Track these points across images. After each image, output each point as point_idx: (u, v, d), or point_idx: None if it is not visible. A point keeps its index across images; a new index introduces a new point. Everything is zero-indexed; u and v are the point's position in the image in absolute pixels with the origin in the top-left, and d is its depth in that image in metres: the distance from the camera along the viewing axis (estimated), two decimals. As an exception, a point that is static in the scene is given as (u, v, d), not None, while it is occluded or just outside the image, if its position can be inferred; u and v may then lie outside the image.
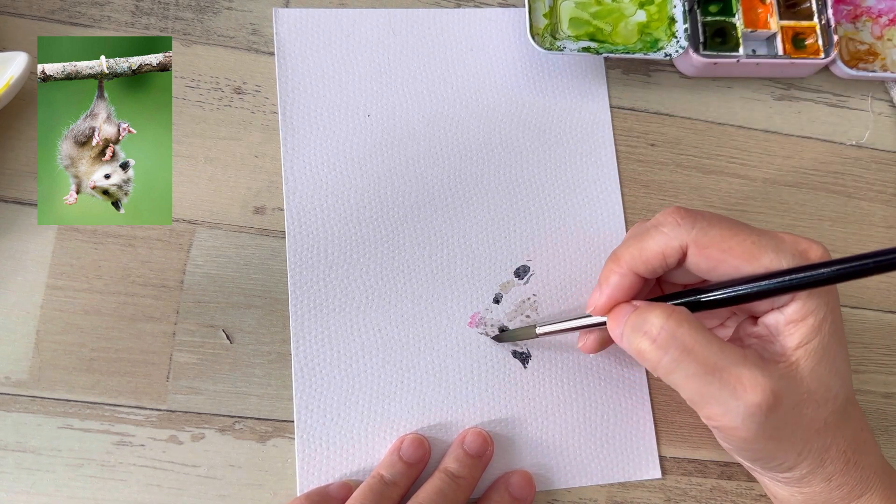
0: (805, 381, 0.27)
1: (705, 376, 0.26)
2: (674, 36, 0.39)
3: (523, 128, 0.38)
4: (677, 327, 0.27)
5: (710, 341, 0.26)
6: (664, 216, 0.29)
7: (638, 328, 0.28)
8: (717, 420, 0.27)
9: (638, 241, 0.29)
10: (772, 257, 0.27)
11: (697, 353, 0.26)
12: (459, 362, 0.35)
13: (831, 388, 0.27)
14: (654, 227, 0.29)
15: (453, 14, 0.40)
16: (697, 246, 0.27)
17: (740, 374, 0.26)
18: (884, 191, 0.41)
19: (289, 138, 0.37)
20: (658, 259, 0.28)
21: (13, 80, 0.33)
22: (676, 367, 0.27)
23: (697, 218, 0.28)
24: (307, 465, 0.33)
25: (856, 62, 0.42)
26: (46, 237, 0.34)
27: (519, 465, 0.34)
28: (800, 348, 0.27)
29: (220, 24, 0.38)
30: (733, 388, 0.26)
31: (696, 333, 0.26)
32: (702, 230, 0.27)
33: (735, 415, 0.26)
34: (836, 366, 0.27)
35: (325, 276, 0.35)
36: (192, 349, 0.33)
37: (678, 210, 0.28)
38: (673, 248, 0.28)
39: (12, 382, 0.32)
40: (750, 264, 0.27)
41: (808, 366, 0.27)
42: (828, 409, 0.27)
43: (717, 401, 0.26)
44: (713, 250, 0.27)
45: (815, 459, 0.28)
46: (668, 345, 0.27)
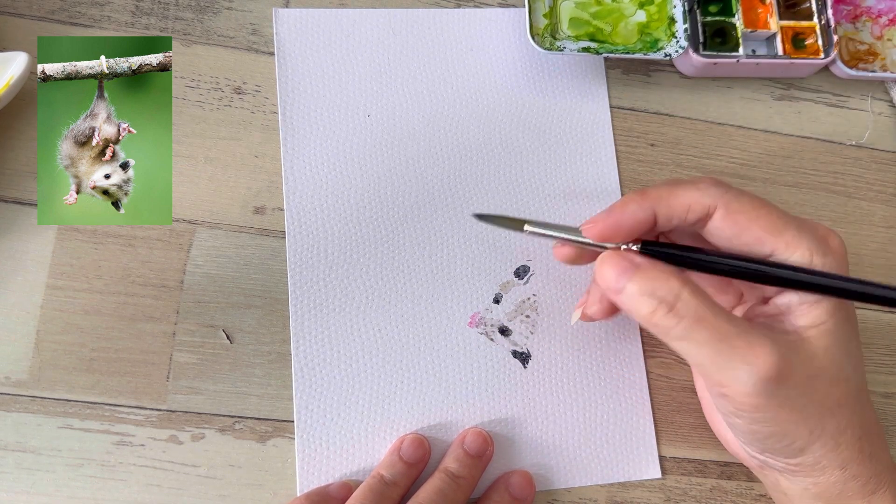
0: (818, 357, 0.27)
1: (717, 343, 0.26)
2: (674, 36, 0.39)
3: (523, 128, 0.38)
4: (692, 297, 0.26)
5: (719, 311, 0.27)
6: (701, 178, 0.29)
7: (650, 292, 0.27)
8: (728, 386, 0.26)
9: (670, 185, 0.29)
10: (794, 234, 0.27)
11: (709, 322, 0.26)
12: (459, 362, 0.35)
13: (844, 368, 0.27)
14: (691, 182, 0.29)
15: (453, 14, 0.40)
16: (728, 209, 0.28)
17: (751, 341, 0.26)
18: (884, 191, 0.41)
19: (289, 138, 0.37)
20: (682, 208, 0.28)
21: (13, 80, 0.33)
22: (687, 335, 0.26)
23: (731, 187, 0.29)
24: (307, 465, 0.33)
25: (856, 62, 0.42)
26: (46, 237, 0.34)
27: (519, 465, 0.34)
28: (812, 328, 0.27)
29: (220, 24, 0.38)
30: (744, 353, 0.26)
31: (708, 302, 0.27)
32: (735, 196, 0.28)
33: (746, 380, 0.26)
34: (850, 350, 0.28)
35: (325, 276, 0.35)
36: (192, 349, 0.33)
37: (715, 178, 0.29)
38: (701, 205, 0.28)
39: (12, 382, 0.32)
40: (773, 236, 0.27)
41: (821, 344, 0.27)
42: (840, 389, 0.27)
43: (728, 367, 0.26)
44: (742, 216, 0.28)
45: (830, 441, 0.27)
46: (683, 313, 0.26)
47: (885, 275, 0.39)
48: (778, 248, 0.27)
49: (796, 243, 0.27)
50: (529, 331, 0.36)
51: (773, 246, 0.28)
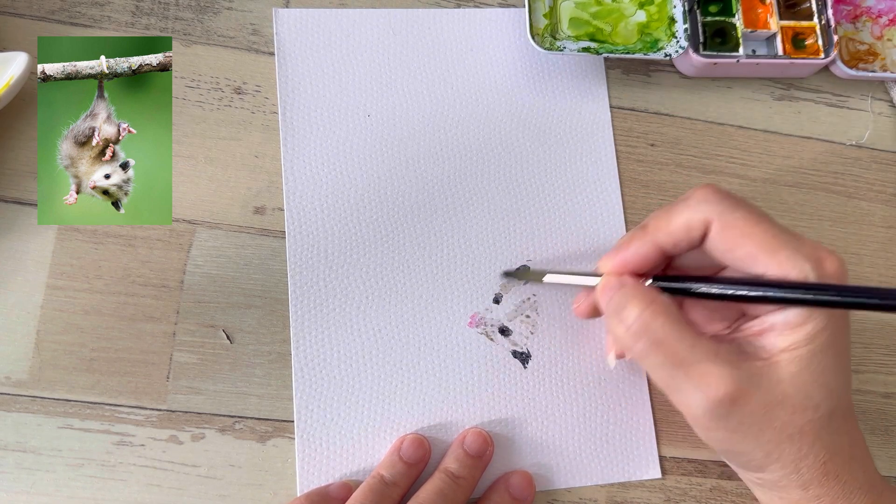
0: (783, 384, 0.27)
1: (672, 368, 0.27)
2: (674, 36, 0.39)
3: (523, 128, 0.38)
4: (652, 319, 0.27)
5: (683, 336, 0.27)
6: (693, 191, 0.29)
7: (616, 312, 0.28)
8: (682, 407, 0.28)
9: (665, 211, 0.29)
10: (789, 254, 0.27)
11: (667, 346, 0.27)
12: (459, 362, 0.35)
13: (812, 397, 0.27)
14: (683, 201, 0.29)
15: (453, 14, 0.40)
16: (721, 223, 0.28)
17: (707, 369, 0.26)
18: (884, 191, 0.41)
19: (289, 138, 0.37)
20: (682, 231, 0.28)
21: (13, 80, 0.33)
22: (646, 356, 0.28)
23: (726, 196, 0.28)
24: (307, 465, 0.33)
25: (856, 62, 0.42)
26: (46, 237, 0.34)
27: (519, 465, 0.34)
28: (786, 352, 0.27)
29: (220, 24, 0.38)
30: (697, 382, 0.27)
31: (669, 327, 0.27)
32: (728, 208, 0.28)
33: (697, 406, 0.27)
34: (823, 377, 0.27)
35: (325, 276, 0.35)
36: (192, 349, 0.33)
37: (709, 187, 0.29)
38: (698, 221, 0.28)
39: (12, 382, 0.32)
40: (766, 255, 0.27)
41: (791, 370, 0.27)
42: (805, 416, 0.27)
43: (681, 391, 0.27)
44: (735, 232, 0.27)
45: (789, 465, 0.27)
46: (640, 335, 0.27)
47: (885, 275, 0.39)
48: (770, 267, 0.27)
49: (789, 264, 0.26)
50: (529, 331, 0.36)
51: (765, 265, 0.27)
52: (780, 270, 0.27)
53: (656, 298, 0.28)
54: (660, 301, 0.28)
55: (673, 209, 0.29)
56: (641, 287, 0.29)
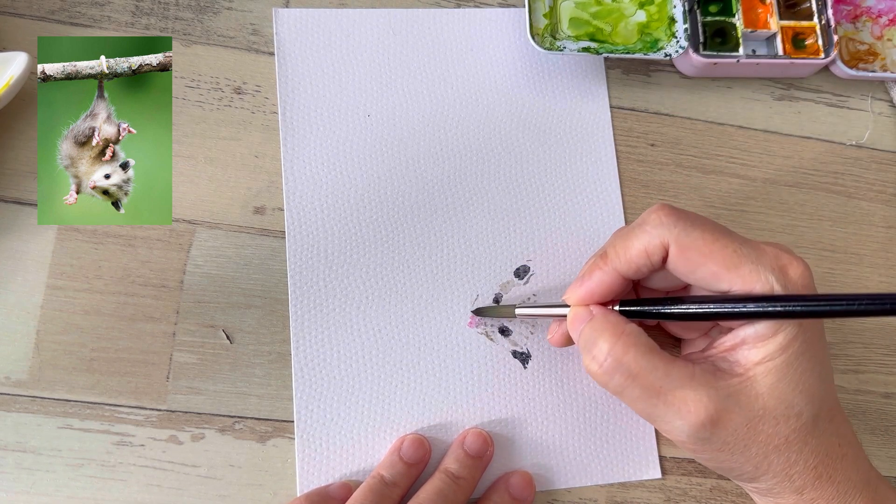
0: (762, 397, 0.27)
1: (650, 399, 0.27)
2: (674, 36, 0.39)
3: (523, 128, 0.38)
4: (623, 354, 0.27)
5: (656, 365, 0.27)
6: (648, 214, 0.29)
7: (587, 347, 0.28)
8: (667, 434, 0.28)
9: (623, 238, 0.29)
10: (751, 268, 0.27)
11: (642, 378, 0.27)
12: (459, 362, 0.35)
13: (794, 405, 0.27)
14: (639, 226, 0.29)
15: (453, 14, 0.40)
16: (678, 246, 0.27)
17: (685, 395, 0.27)
18: (884, 191, 0.41)
19: (289, 138, 0.37)
20: (642, 257, 0.28)
21: (13, 80, 0.33)
22: (623, 391, 0.28)
23: (681, 217, 0.28)
24: (307, 465, 0.33)
25: (856, 62, 0.42)
26: (46, 237, 0.34)
27: (519, 466, 0.34)
28: (761, 364, 0.27)
29: (220, 24, 0.38)
30: (677, 408, 0.27)
31: (641, 358, 0.27)
32: (684, 230, 0.27)
33: (680, 432, 0.27)
34: (802, 384, 0.27)
35: (325, 276, 0.35)
36: (192, 349, 0.33)
37: (663, 207, 0.28)
38: (655, 246, 0.28)
39: (12, 382, 0.32)
40: (728, 272, 0.27)
41: (768, 382, 0.27)
42: (789, 426, 0.27)
43: (663, 420, 0.27)
44: (693, 252, 0.27)
45: (780, 474, 0.28)
46: (613, 371, 0.28)
47: (885, 275, 0.39)
48: (734, 284, 0.27)
49: (753, 278, 0.26)
50: (529, 331, 0.36)
51: (729, 282, 0.27)
52: (744, 285, 0.27)
53: (624, 330, 0.28)
54: (628, 332, 0.28)
55: (630, 235, 0.29)
56: (610, 319, 0.28)
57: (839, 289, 0.39)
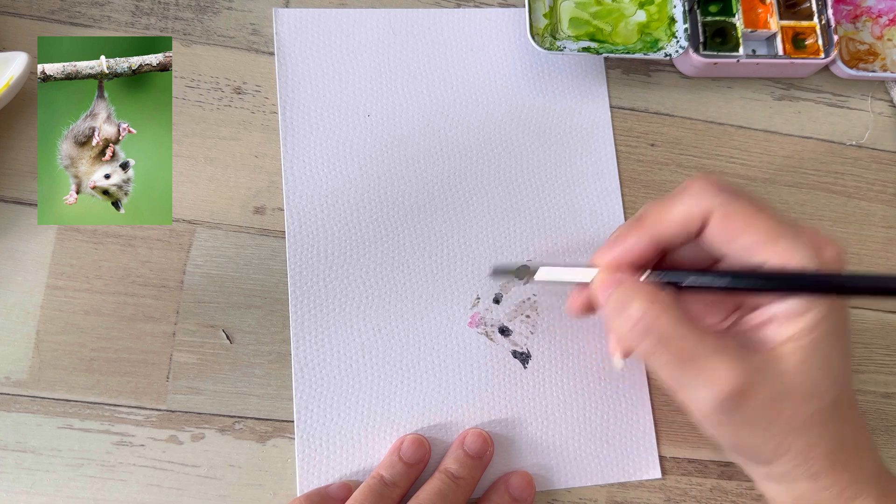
0: (788, 374, 0.27)
1: (680, 364, 0.27)
2: (674, 36, 0.39)
3: (523, 128, 0.38)
4: (657, 318, 0.27)
5: (689, 331, 0.27)
6: (691, 181, 0.28)
7: (619, 310, 0.28)
8: (691, 404, 0.27)
9: (662, 203, 0.29)
10: (788, 244, 0.26)
11: (674, 343, 0.27)
12: (459, 362, 0.35)
13: (818, 385, 0.27)
14: (679, 193, 0.28)
15: (453, 14, 0.40)
16: (721, 215, 0.27)
17: (715, 364, 0.26)
18: (884, 191, 0.41)
19: (289, 138, 0.37)
20: (679, 224, 0.28)
21: (13, 80, 0.33)
22: (653, 354, 0.27)
23: (725, 186, 0.28)
24: (307, 465, 0.33)
25: (856, 62, 0.42)
26: (46, 237, 0.34)
27: (519, 466, 0.34)
28: (790, 342, 0.27)
29: (220, 24, 0.38)
30: (706, 377, 0.26)
31: (675, 323, 0.27)
32: (728, 198, 0.27)
33: (706, 402, 0.27)
34: (828, 364, 0.27)
35: (325, 276, 0.35)
36: (192, 349, 0.33)
37: (707, 176, 0.28)
38: (695, 214, 0.28)
39: (12, 382, 0.32)
40: (766, 244, 0.27)
41: (795, 360, 0.27)
42: (812, 406, 0.27)
43: (690, 388, 0.27)
44: (736, 222, 0.27)
45: (798, 456, 0.27)
46: (646, 333, 0.27)
47: (885, 275, 0.39)
48: (771, 257, 0.27)
49: (789, 254, 0.26)
50: (529, 331, 0.36)
51: (765, 255, 0.27)
52: (780, 259, 0.27)
53: (659, 295, 0.28)
54: (662, 298, 0.28)
55: (670, 201, 0.28)
56: (643, 284, 0.28)
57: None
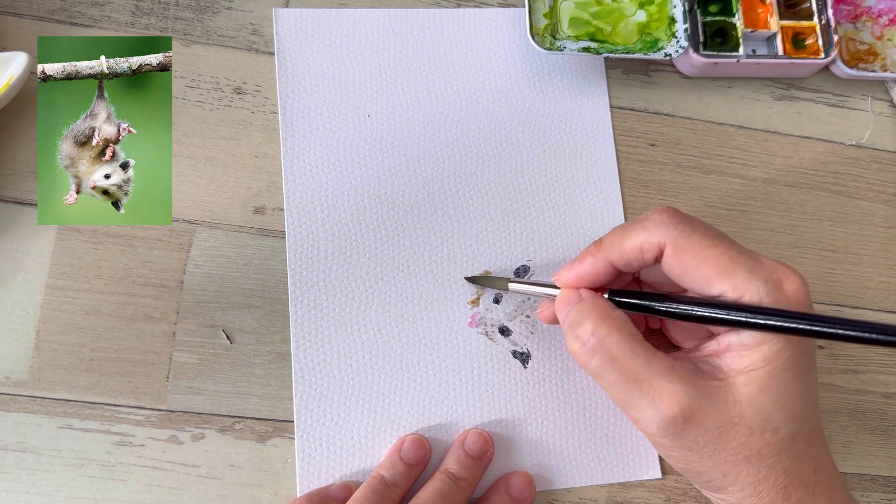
0: (739, 405, 0.26)
1: (626, 384, 0.27)
2: (674, 36, 0.39)
3: (523, 128, 0.38)
4: (607, 336, 0.28)
5: (637, 352, 0.27)
6: (652, 213, 0.29)
7: (572, 327, 0.29)
8: (638, 424, 0.28)
9: (622, 231, 0.29)
10: (743, 276, 0.27)
11: (622, 363, 0.27)
12: (459, 362, 0.35)
13: (772, 420, 0.27)
14: (640, 222, 0.29)
15: (453, 14, 0.40)
16: (675, 247, 0.28)
17: (661, 385, 0.27)
18: (884, 191, 0.41)
19: (289, 138, 0.37)
20: (635, 252, 0.29)
21: (13, 80, 0.33)
22: (601, 373, 0.28)
23: (683, 220, 0.28)
24: (307, 465, 0.33)
25: (856, 62, 0.42)
26: (46, 237, 0.34)
27: (519, 466, 0.34)
28: (743, 373, 0.27)
29: (220, 24, 0.38)
30: (651, 398, 0.27)
31: (623, 343, 0.27)
32: (683, 233, 0.28)
33: (651, 423, 0.27)
34: (784, 399, 0.27)
35: (325, 276, 0.35)
36: (192, 349, 0.33)
37: (667, 209, 0.29)
38: (651, 244, 0.28)
39: (12, 382, 0.32)
40: (721, 277, 0.27)
41: (748, 392, 0.27)
42: (764, 439, 0.27)
43: (636, 408, 0.27)
44: (688, 255, 0.27)
45: (747, 487, 0.27)
46: (594, 351, 0.28)
47: (885, 275, 0.39)
48: (725, 290, 0.27)
49: (745, 286, 0.26)
50: (529, 331, 0.36)
51: (721, 287, 0.27)
52: (735, 293, 0.27)
53: (611, 314, 0.28)
54: (614, 317, 0.28)
55: (629, 229, 0.29)
56: (597, 302, 0.29)
57: (839, 289, 0.39)
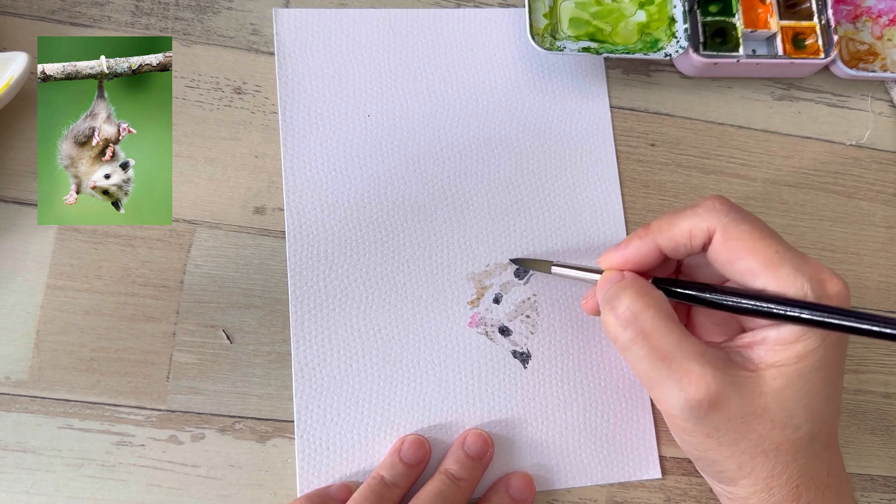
0: (764, 397, 0.27)
1: (655, 361, 0.27)
2: (674, 36, 0.39)
3: (523, 128, 0.38)
4: (642, 310, 0.28)
5: (671, 331, 0.27)
6: (705, 199, 0.29)
7: (609, 300, 0.29)
8: (661, 404, 0.28)
9: (672, 215, 0.29)
10: (789, 272, 0.27)
11: (654, 339, 0.27)
12: (459, 362, 0.35)
13: (794, 416, 0.27)
14: (691, 207, 0.29)
15: (453, 14, 0.40)
16: (724, 235, 0.28)
17: (690, 367, 0.27)
18: (884, 191, 0.41)
19: (289, 138, 0.37)
20: (684, 236, 0.29)
21: (13, 80, 0.33)
22: (631, 346, 0.28)
23: (734, 209, 0.28)
24: (307, 465, 0.33)
25: (856, 62, 0.42)
26: (46, 237, 0.34)
27: (519, 466, 0.34)
28: (773, 367, 0.27)
29: (220, 24, 0.38)
30: (679, 378, 0.27)
31: (658, 320, 0.27)
32: (734, 221, 0.28)
33: (675, 403, 0.27)
34: (809, 398, 0.27)
35: (325, 276, 0.35)
36: (192, 349, 0.33)
37: (719, 198, 0.29)
38: (701, 230, 0.28)
39: (12, 382, 0.32)
40: (767, 270, 0.27)
41: (775, 385, 0.27)
42: (784, 435, 0.27)
43: (662, 386, 0.27)
44: (737, 244, 0.27)
45: (760, 481, 0.27)
46: (628, 324, 0.28)
47: (885, 275, 0.39)
48: (770, 284, 0.27)
49: (790, 282, 0.26)
50: (529, 331, 0.36)
51: (765, 280, 0.27)
52: (779, 287, 0.27)
53: (649, 291, 0.28)
54: (652, 294, 0.28)
55: (680, 214, 0.29)
56: (638, 281, 0.29)
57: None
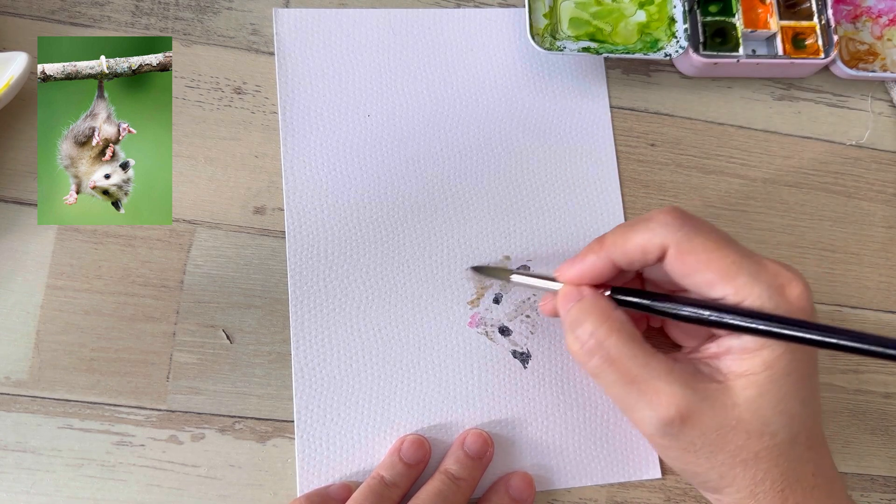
0: (737, 408, 0.27)
1: (625, 385, 0.27)
2: (674, 36, 0.39)
3: (523, 128, 0.38)
4: (605, 337, 0.28)
5: (636, 354, 0.27)
6: (657, 213, 0.29)
7: (572, 327, 0.29)
8: (637, 425, 0.28)
9: (625, 229, 0.29)
10: (745, 281, 0.27)
11: (620, 364, 0.27)
12: (459, 362, 0.35)
13: (770, 423, 0.27)
14: (644, 221, 0.29)
15: (453, 14, 0.40)
16: (678, 249, 0.28)
17: (659, 387, 0.27)
18: (884, 191, 0.41)
19: (289, 138, 0.37)
20: (637, 251, 0.28)
21: (13, 80, 0.33)
22: (599, 373, 0.28)
23: (687, 222, 0.28)
24: (307, 465, 0.33)
25: (856, 62, 0.42)
26: (46, 237, 0.34)
27: (519, 466, 0.34)
28: (742, 377, 0.27)
29: (220, 24, 0.38)
30: (649, 399, 0.27)
31: (622, 345, 0.27)
32: (686, 235, 0.28)
33: (649, 424, 0.27)
34: (784, 404, 0.27)
35: (325, 276, 0.35)
36: (192, 349, 0.33)
37: (672, 210, 0.29)
38: (654, 245, 0.28)
39: (12, 382, 0.32)
40: (724, 281, 0.27)
41: (747, 395, 0.27)
42: (762, 443, 0.27)
43: (634, 409, 0.28)
44: (692, 257, 0.27)
45: (744, 489, 0.27)
46: (593, 352, 0.28)
47: (885, 275, 0.39)
48: (727, 294, 0.27)
49: (746, 291, 0.26)
50: (529, 331, 0.36)
51: (723, 291, 0.27)
52: (737, 297, 0.27)
53: (611, 315, 0.28)
54: (615, 317, 0.28)
55: (633, 228, 0.29)
56: (598, 302, 0.29)
57: (839, 289, 0.39)
